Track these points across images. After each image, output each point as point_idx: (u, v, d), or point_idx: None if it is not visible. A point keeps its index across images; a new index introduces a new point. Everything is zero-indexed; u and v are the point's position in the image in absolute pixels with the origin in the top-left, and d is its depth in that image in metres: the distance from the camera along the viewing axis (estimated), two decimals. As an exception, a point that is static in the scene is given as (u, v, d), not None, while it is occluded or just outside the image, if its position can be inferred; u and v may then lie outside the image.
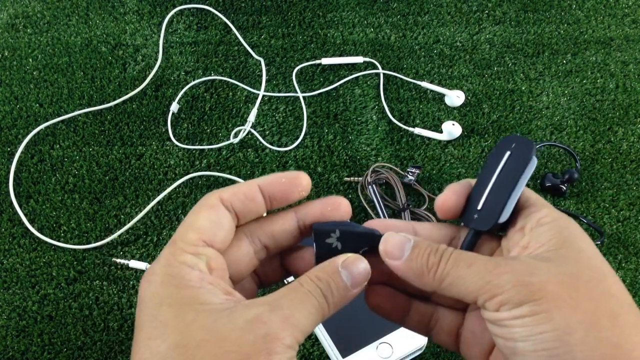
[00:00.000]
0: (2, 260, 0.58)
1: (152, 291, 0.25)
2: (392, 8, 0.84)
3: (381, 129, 0.70)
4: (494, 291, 0.23)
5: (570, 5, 0.86)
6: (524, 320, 0.22)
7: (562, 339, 0.22)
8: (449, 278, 0.25)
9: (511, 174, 0.28)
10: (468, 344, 0.29)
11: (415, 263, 0.26)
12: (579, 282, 0.23)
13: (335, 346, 0.50)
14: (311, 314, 0.25)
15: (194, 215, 0.27)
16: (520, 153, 0.28)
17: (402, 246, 0.27)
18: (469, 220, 0.28)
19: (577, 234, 0.25)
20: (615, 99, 0.75)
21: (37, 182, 0.63)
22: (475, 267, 0.24)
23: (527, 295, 0.22)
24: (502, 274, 0.23)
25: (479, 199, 0.28)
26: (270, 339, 0.23)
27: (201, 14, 0.81)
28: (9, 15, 0.79)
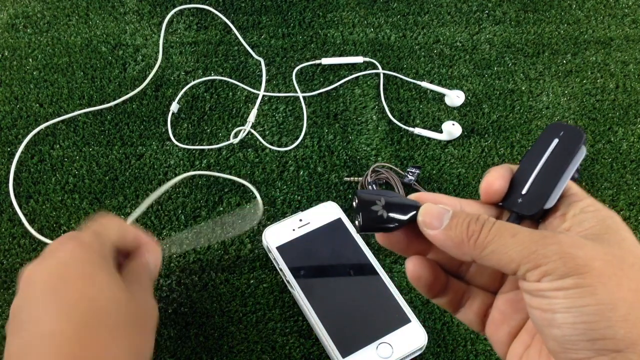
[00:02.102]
0: (2, 260, 0.58)
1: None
2: (392, 8, 0.84)
3: (381, 129, 0.70)
4: (539, 261, 0.23)
5: (570, 5, 0.86)
6: (567, 292, 0.22)
7: (604, 314, 0.22)
8: (491, 246, 0.25)
9: (560, 160, 0.28)
10: (496, 324, 0.29)
11: (454, 231, 0.26)
12: (623, 264, 0.23)
13: (335, 346, 0.50)
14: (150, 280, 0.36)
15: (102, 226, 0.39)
16: (569, 141, 0.28)
17: (440, 216, 0.27)
18: (512, 204, 0.28)
19: (620, 223, 0.25)
20: (615, 99, 0.75)
21: (37, 182, 0.63)
22: (520, 236, 0.24)
23: (573, 268, 0.23)
24: (548, 244, 0.24)
25: (524, 184, 0.28)
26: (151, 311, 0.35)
27: (201, 14, 0.81)
28: (9, 15, 0.79)
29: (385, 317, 0.53)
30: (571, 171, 0.28)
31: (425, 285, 0.30)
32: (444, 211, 0.27)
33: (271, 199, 0.64)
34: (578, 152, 0.28)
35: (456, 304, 0.31)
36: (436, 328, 0.55)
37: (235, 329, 0.54)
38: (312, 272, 0.56)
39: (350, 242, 0.58)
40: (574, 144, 0.28)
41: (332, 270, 0.56)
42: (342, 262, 0.57)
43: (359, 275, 0.56)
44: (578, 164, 0.28)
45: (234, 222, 0.30)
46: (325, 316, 0.52)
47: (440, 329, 0.55)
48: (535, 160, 0.29)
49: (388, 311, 0.53)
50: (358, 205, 0.28)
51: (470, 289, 0.31)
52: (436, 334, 0.54)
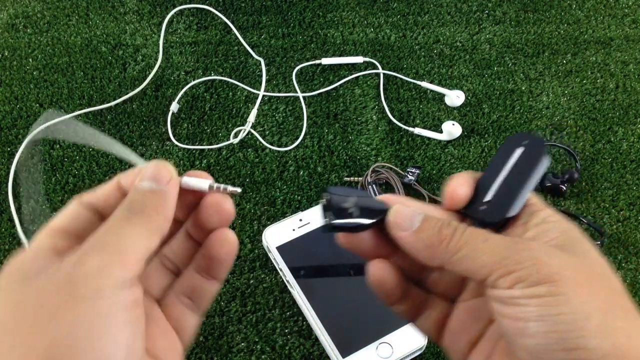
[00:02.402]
0: (2, 260, 0.58)
1: None
2: (392, 8, 0.84)
3: (381, 129, 0.70)
4: (512, 267, 0.23)
5: (570, 5, 0.86)
6: (540, 300, 0.22)
7: (578, 324, 0.21)
8: (463, 250, 0.24)
9: (524, 169, 0.28)
10: (455, 333, 0.28)
11: (425, 234, 0.26)
12: (592, 274, 0.23)
13: (335, 346, 0.50)
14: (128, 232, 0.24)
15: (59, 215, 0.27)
16: (532, 150, 0.29)
17: (411, 218, 0.26)
18: (475, 211, 0.28)
19: (581, 235, 0.25)
20: (615, 99, 0.75)
21: (37, 182, 0.63)
22: (493, 241, 0.24)
23: (546, 276, 0.22)
24: (521, 250, 0.23)
25: (487, 191, 0.28)
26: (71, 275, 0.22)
27: (201, 14, 0.81)
28: (9, 15, 0.79)
29: (385, 317, 0.53)
30: (534, 180, 0.28)
31: (387, 291, 0.29)
32: (415, 213, 0.27)
33: (271, 199, 0.63)
34: (541, 162, 0.28)
35: (414, 312, 0.30)
36: (436, 328, 0.55)
37: (235, 329, 0.54)
38: (312, 272, 0.56)
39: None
40: (538, 154, 0.28)
41: (332, 270, 0.56)
42: (342, 262, 0.56)
43: (359, 275, 0.56)
44: (541, 173, 0.29)
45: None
46: (325, 316, 0.52)
47: (440, 329, 0.55)
48: (499, 169, 0.29)
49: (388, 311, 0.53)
50: (329, 202, 0.27)
51: (429, 297, 0.30)
52: (436, 334, 0.54)
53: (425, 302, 0.30)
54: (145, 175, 0.26)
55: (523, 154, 0.29)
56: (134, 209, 0.24)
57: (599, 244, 0.61)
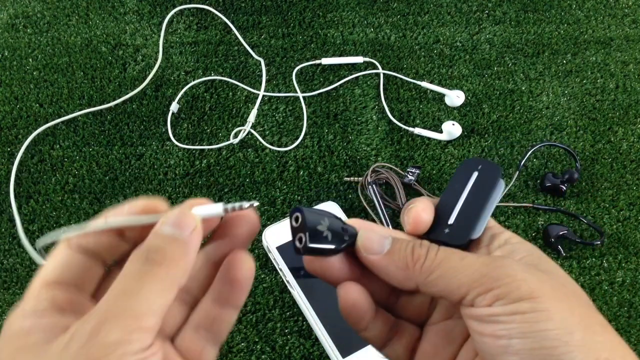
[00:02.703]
0: (2, 260, 0.58)
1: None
2: (392, 8, 0.84)
3: (381, 129, 0.70)
4: (490, 284, 0.23)
5: (570, 5, 0.86)
6: (523, 317, 0.22)
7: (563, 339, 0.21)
8: (438, 270, 0.24)
9: (482, 192, 0.29)
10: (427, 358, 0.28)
11: (397, 255, 0.25)
12: (567, 290, 0.23)
13: (336, 346, 0.51)
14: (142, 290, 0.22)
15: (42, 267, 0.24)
16: (488, 174, 0.30)
17: (381, 241, 0.26)
18: (438, 235, 0.28)
19: (545, 255, 0.26)
20: (615, 99, 0.75)
21: (37, 182, 0.63)
22: (469, 260, 0.24)
23: (527, 292, 0.22)
24: (500, 267, 0.23)
25: (449, 215, 0.28)
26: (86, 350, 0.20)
27: (201, 14, 0.81)
28: (9, 15, 0.79)
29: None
30: (494, 202, 0.29)
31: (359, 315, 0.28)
32: (384, 237, 0.26)
33: (271, 199, 0.64)
34: (498, 185, 0.29)
35: (383, 338, 0.29)
36: (436, 328, 0.55)
37: (235, 329, 0.54)
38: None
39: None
40: (493, 177, 0.29)
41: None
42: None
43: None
44: (500, 195, 0.29)
45: None
46: (325, 316, 0.52)
47: (440, 329, 0.55)
48: (457, 193, 0.29)
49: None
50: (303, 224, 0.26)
51: (398, 322, 0.29)
52: (436, 334, 0.54)
53: (394, 328, 0.29)
54: (168, 220, 0.24)
55: (479, 178, 0.29)
56: (152, 260, 0.22)
57: (599, 244, 0.61)
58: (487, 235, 0.27)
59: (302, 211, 0.26)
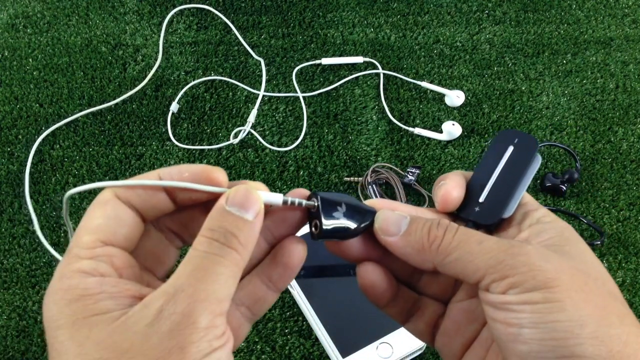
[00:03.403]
0: (2, 260, 0.58)
1: (47, 315, 0.22)
2: (392, 8, 0.84)
3: (381, 129, 0.70)
4: (506, 272, 0.22)
5: (570, 5, 0.86)
6: (535, 307, 0.22)
7: (574, 331, 0.21)
8: (455, 253, 0.24)
9: (516, 169, 0.27)
10: (449, 335, 0.28)
11: (414, 236, 0.25)
12: (588, 278, 0.23)
13: (335, 346, 0.50)
14: (222, 274, 0.22)
15: (88, 216, 0.23)
16: (524, 148, 0.28)
17: (398, 222, 0.26)
18: (469, 213, 0.27)
19: (577, 236, 0.25)
20: (615, 99, 0.75)
21: (37, 182, 0.63)
22: (487, 244, 0.23)
23: (542, 282, 0.22)
24: (517, 255, 0.23)
25: (480, 192, 0.27)
26: (178, 331, 0.20)
27: (201, 14, 0.81)
28: (9, 15, 0.79)
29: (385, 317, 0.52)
30: (528, 180, 0.27)
31: (378, 294, 0.28)
32: (401, 217, 0.26)
33: (271, 199, 0.63)
34: (534, 162, 0.28)
35: (406, 314, 0.29)
36: (436, 328, 0.55)
37: (235, 329, 0.54)
38: (312, 272, 0.56)
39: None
40: (530, 152, 0.28)
41: (332, 270, 0.56)
42: (342, 262, 0.56)
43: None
44: (534, 172, 0.28)
45: None
46: (325, 316, 0.52)
47: (440, 329, 0.55)
48: (491, 168, 0.28)
49: (388, 311, 0.53)
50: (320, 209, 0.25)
51: (421, 299, 0.29)
52: (436, 334, 0.54)
53: (417, 304, 0.29)
54: (235, 199, 0.23)
55: (515, 153, 0.28)
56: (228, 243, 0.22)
57: (599, 244, 0.61)
58: (520, 213, 0.26)
59: (317, 196, 0.26)
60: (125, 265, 0.23)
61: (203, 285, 0.21)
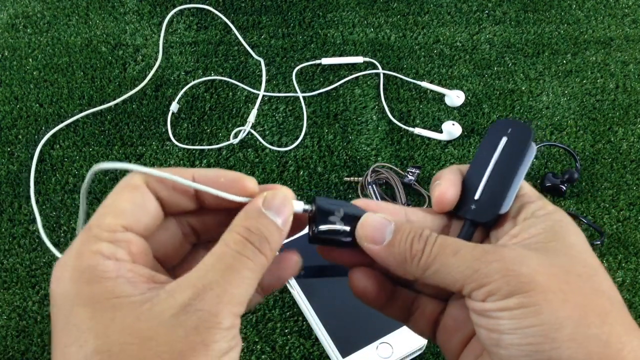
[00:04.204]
0: (2, 260, 0.58)
1: (62, 290, 0.21)
2: (392, 8, 0.84)
3: (381, 129, 0.70)
4: (482, 281, 0.22)
5: (570, 5, 0.86)
6: (511, 313, 0.22)
7: (549, 335, 0.21)
8: (434, 266, 0.24)
9: (510, 161, 0.27)
10: (448, 332, 0.28)
11: (397, 249, 0.25)
12: (569, 276, 0.22)
13: (335, 346, 0.50)
14: (248, 278, 0.22)
15: (115, 197, 0.23)
16: (518, 139, 0.27)
17: (382, 229, 0.25)
18: (465, 211, 0.27)
19: (569, 228, 0.24)
20: (615, 99, 0.75)
21: (37, 182, 0.63)
22: (462, 254, 0.23)
23: (516, 287, 0.22)
24: (491, 262, 0.23)
25: (476, 188, 0.27)
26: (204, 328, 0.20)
27: (201, 14, 0.81)
28: (9, 15, 0.79)
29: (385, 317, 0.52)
30: (524, 171, 0.26)
31: (371, 299, 0.28)
32: (386, 223, 0.25)
33: (271, 199, 0.63)
34: (528, 152, 0.27)
35: (405, 314, 0.29)
36: (436, 328, 0.55)
37: (235, 329, 0.54)
38: (312, 272, 0.56)
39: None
40: (524, 142, 0.27)
41: (332, 270, 0.56)
42: (342, 262, 0.56)
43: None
44: (530, 163, 0.27)
45: None
46: (325, 316, 0.52)
47: (440, 329, 0.55)
48: (485, 162, 0.27)
49: (388, 311, 0.53)
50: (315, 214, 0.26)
51: (420, 297, 0.29)
52: (436, 334, 0.54)
53: (416, 303, 0.29)
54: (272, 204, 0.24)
55: (509, 144, 0.27)
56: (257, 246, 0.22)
57: (599, 243, 0.61)
58: (517, 206, 0.26)
59: (315, 201, 0.26)
60: (141, 252, 0.23)
61: (231, 288, 0.21)
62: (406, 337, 0.51)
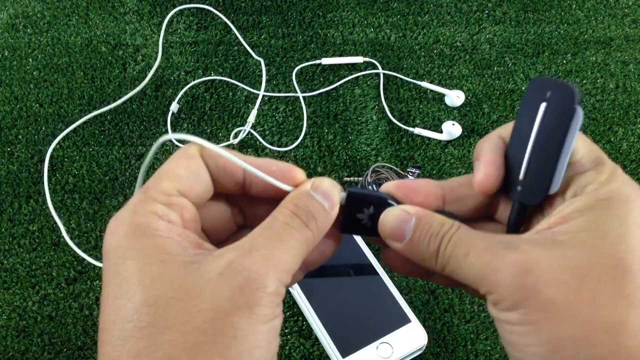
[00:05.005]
0: (2, 260, 0.58)
1: (115, 243, 0.22)
2: (392, 8, 0.84)
3: (381, 129, 0.70)
4: (489, 288, 0.22)
5: (570, 5, 0.86)
6: (512, 328, 0.21)
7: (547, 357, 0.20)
8: (449, 267, 0.24)
9: (554, 133, 0.23)
10: None
11: (417, 248, 0.25)
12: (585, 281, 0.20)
13: (335, 346, 0.51)
14: (294, 248, 0.22)
15: (172, 163, 0.24)
16: (559, 104, 0.23)
17: (402, 227, 0.25)
18: (512, 193, 0.25)
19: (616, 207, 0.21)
20: (615, 99, 0.75)
21: (37, 182, 0.63)
22: (471, 258, 0.23)
23: (519, 301, 0.21)
24: (498, 270, 0.22)
25: (519, 167, 0.24)
26: (249, 290, 0.20)
27: (201, 14, 0.81)
28: (9, 15, 0.79)
29: (385, 317, 0.53)
30: (571, 143, 0.23)
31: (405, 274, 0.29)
32: (406, 218, 0.25)
33: (271, 199, 0.63)
34: (574, 118, 0.22)
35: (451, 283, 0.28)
36: (436, 328, 0.55)
37: (235, 329, 0.54)
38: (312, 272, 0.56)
39: (350, 242, 0.58)
40: (567, 108, 0.22)
41: (332, 271, 0.56)
42: (342, 262, 0.56)
43: (359, 276, 0.56)
44: (577, 131, 0.23)
45: None
46: (325, 316, 0.52)
47: (440, 329, 0.55)
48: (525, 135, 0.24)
49: (388, 311, 0.53)
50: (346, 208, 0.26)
51: None
52: (436, 334, 0.54)
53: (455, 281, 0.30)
54: (320, 188, 0.24)
55: (549, 113, 0.23)
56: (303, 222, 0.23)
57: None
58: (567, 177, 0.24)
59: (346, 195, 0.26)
60: (192, 219, 0.24)
61: (277, 252, 0.22)
62: (406, 337, 0.51)
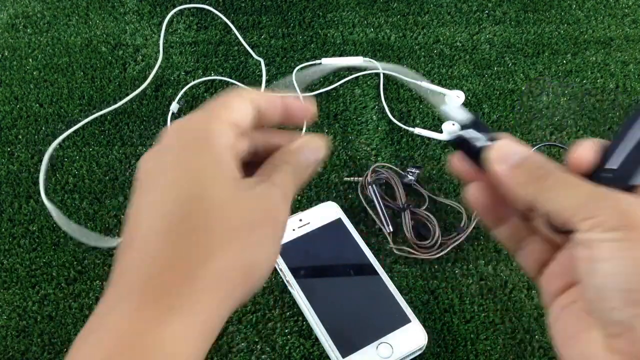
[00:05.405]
0: (2, 260, 0.58)
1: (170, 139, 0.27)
2: (392, 8, 0.84)
3: (381, 129, 0.70)
4: (593, 212, 0.24)
5: (570, 5, 0.86)
6: (612, 244, 0.23)
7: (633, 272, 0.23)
8: (552, 191, 0.26)
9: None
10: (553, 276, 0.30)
11: (521, 170, 0.27)
12: None
13: (335, 346, 0.51)
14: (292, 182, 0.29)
15: (226, 98, 0.28)
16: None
17: (515, 149, 0.28)
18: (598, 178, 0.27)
19: None
20: (615, 99, 0.75)
21: (37, 182, 0.63)
22: (583, 187, 0.25)
23: (624, 224, 0.23)
24: (608, 199, 0.24)
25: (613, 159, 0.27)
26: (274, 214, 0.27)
27: (201, 14, 0.81)
28: (9, 15, 0.79)
29: (385, 317, 0.53)
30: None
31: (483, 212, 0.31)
32: (520, 150, 0.28)
33: (271, 199, 0.63)
34: None
35: (515, 245, 0.31)
36: (436, 328, 0.55)
37: (235, 329, 0.54)
38: (312, 272, 0.56)
39: (350, 242, 0.58)
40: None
41: (332, 271, 0.56)
42: (342, 262, 0.57)
43: (359, 275, 0.56)
44: None
45: None
46: (325, 316, 0.52)
47: (440, 329, 0.55)
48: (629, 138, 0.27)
49: (388, 311, 0.53)
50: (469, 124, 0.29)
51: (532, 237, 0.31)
52: (436, 334, 0.54)
53: (527, 239, 0.31)
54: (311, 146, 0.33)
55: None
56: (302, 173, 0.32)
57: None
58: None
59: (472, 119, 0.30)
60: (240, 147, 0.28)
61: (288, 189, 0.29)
62: (406, 337, 0.51)
